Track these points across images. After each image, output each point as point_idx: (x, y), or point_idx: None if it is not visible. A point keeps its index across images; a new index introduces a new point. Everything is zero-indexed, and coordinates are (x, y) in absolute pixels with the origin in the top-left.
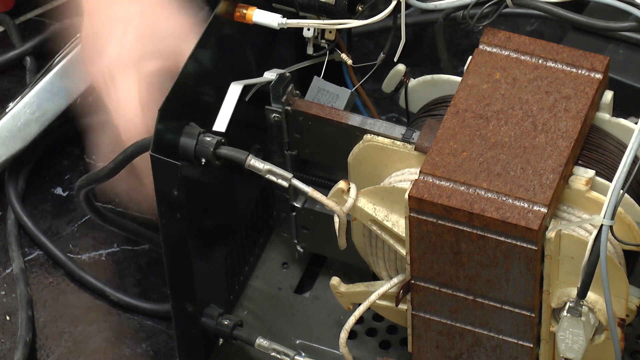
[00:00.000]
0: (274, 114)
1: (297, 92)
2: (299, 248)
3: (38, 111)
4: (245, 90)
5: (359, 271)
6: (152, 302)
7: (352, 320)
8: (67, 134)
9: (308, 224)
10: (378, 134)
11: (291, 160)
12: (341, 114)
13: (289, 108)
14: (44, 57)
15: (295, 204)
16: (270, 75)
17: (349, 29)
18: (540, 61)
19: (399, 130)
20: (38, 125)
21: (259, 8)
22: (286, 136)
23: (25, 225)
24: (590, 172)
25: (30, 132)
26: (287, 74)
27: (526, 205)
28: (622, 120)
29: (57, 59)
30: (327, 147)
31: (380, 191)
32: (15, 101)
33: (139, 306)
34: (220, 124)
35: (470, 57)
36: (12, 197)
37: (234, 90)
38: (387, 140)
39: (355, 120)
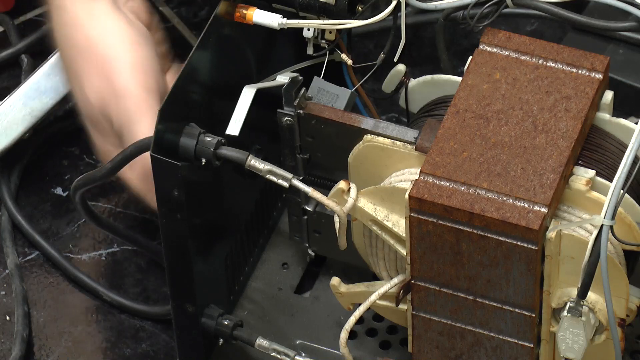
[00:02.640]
0: (286, 118)
1: (310, 95)
2: (310, 252)
3: (24, 110)
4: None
5: (359, 271)
6: (145, 304)
7: (352, 320)
8: (66, 133)
9: (320, 227)
10: (390, 138)
11: (303, 163)
12: (353, 117)
13: (301, 111)
14: (41, 56)
15: (307, 208)
16: (282, 78)
17: (349, 29)
18: (540, 61)
19: (411, 134)
20: (24, 124)
21: (259, 8)
22: (298, 140)
23: (19, 224)
24: (591, 172)
25: (16, 131)
26: (300, 77)
27: (526, 205)
28: (622, 120)
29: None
30: (339, 151)
31: (380, 191)
32: (3, 100)
33: (134, 307)
34: (234, 127)
35: (470, 57)
36: (5, 196)
37: (247, 94)
38: (387, 141)
39: (367, 123)
